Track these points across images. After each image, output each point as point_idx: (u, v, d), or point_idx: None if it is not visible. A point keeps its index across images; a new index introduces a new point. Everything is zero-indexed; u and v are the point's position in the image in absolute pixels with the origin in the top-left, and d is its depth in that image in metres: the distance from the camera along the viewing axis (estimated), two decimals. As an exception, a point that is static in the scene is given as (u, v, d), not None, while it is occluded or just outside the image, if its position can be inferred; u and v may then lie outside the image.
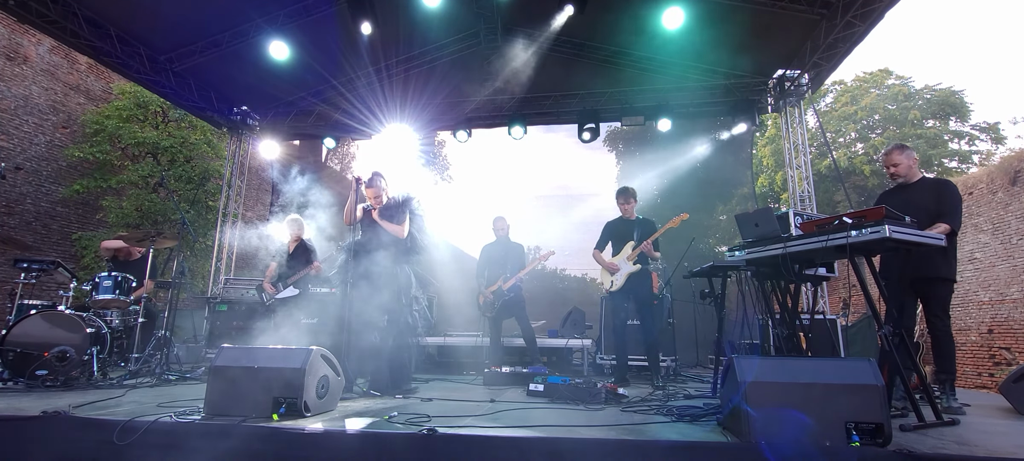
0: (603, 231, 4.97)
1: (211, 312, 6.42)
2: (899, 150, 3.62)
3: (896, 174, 3.62)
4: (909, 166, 3.59)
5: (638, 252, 4.59)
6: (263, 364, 2.67)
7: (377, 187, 4.08)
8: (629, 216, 4.85)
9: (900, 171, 3.60)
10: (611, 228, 4.91)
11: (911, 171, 3.60)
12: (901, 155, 3.59)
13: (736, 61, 6.89)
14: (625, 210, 4.85)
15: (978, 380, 8.54)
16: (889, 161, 3.64)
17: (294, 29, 6.43)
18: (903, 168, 3.59)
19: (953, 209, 3.36)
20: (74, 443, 2.41)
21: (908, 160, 3.59)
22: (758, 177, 13.73)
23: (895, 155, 3.61)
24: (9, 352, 3.78)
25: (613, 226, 4.91)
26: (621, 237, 4.77)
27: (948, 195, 3.42)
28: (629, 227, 4.74)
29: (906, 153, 3.61)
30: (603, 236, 4.94)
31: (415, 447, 2.22)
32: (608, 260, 4.80)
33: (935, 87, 14.01)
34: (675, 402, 3.45)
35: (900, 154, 3.60)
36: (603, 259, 4.84)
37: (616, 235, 4.84)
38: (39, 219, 8.62)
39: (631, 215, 4.85)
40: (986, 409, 3.49)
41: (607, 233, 4.92)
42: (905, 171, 3.59)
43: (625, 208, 4.85)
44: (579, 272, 18.96)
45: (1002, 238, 8.23)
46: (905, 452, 1.98)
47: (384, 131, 7.84)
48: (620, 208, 4.88)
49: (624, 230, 4.77)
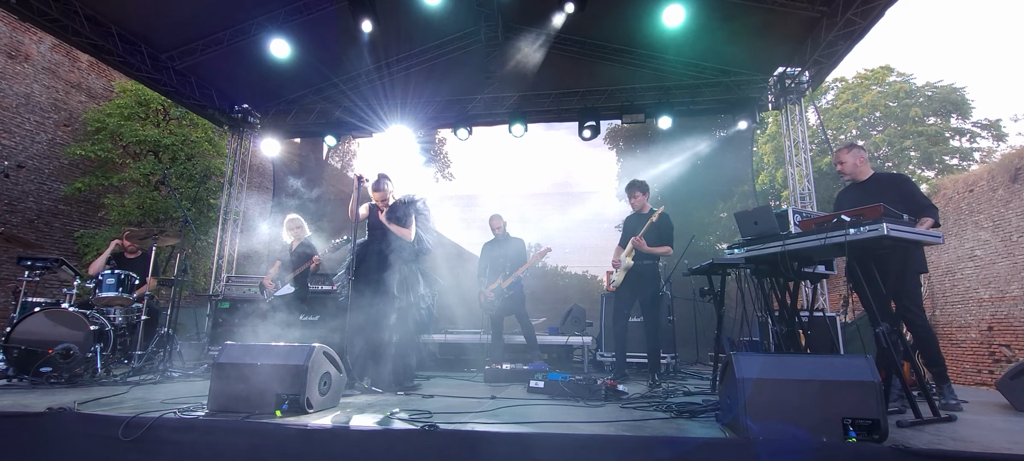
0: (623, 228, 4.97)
1: (213, 309, 6.45)
2: (846, 149, 3.71)
3: (842, 172, 3.71)
4: (855, 164, 3.66)
5: (631, 247, 4.57)
6: (266, 361, 2.70)
7: (383, 190, 4.11)
8: (640, 210, 4.77)
9: (846, 169, 3.68)
10: (626, 224, 4.90)
11: (857, 169, 3.67)
12: (847, 154, 3.68)
13: (737, 58, 6.89)
14: (633, 205, 4.81)
15: (978, 377, 8.56)
16: (837, 159, 3.74)
17: (295, 27, 6.45)
18: (848, 167, 3.67)
19: (927, 202, 3.40)
20: (80, 439, 2.44)
21: (854, 158, 3.66)
22: (759, 175, 13.72)
23: (842, 154, 3.71)
24: (14, 349, 3.81)
25: (627, 222, 4.91)
26: (632, 233, 4.71)
27: (912, 188, 3.48)
28: (640, 221, 4.68)
29: (852, 151, 3.68)
30: (622, 234, 4.92)
31: (416, 442, 2.25)
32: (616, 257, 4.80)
33: (936, 84, 13.99)
34: (674, 399, 3.47)
35: (846, 153, 3.69)
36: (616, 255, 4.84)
37: (628, 231, 4.80)
38: (41, 217, 8.65)
39: (642, 208, 4.76)
40: (984, 406, 3.50)
41: (623, 230, 4.92)
42: (851, 169, 3.67)
43: (632, 203, 4.80)
44: (580, 269, 18.96)
45: (1002, 235, 8.23)
46: (901, 448, 2.00)
47: (385, 129, 7.86)
48: (630, 204, 4.84)
49: (635, 225, 4.71)
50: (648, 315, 4.60)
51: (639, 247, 4.52)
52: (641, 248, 4.52)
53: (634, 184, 4.80)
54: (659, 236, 4.56)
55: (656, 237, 4.56)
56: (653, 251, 4.54)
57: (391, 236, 4.01)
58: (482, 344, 6.09)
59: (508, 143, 8.33)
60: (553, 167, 14.68)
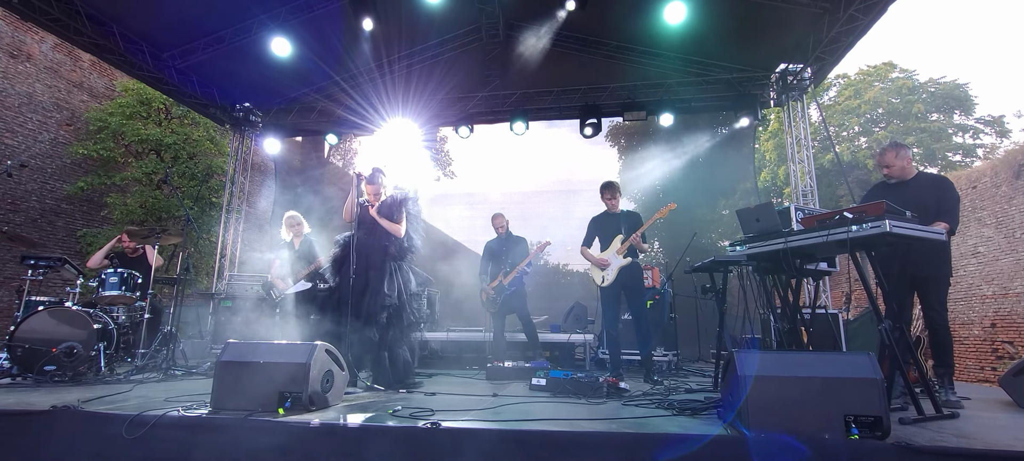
0: (589, 227, 4.95)
1: (216, 308, 6.47)
2: (893, 150, 3.62)
3: (890, 175, 3.62)
4: (903, 167, 3.59)
5: (627, 245, 4.58)
6: (268, 359, 2.70)
7: (377, 184, 4.08)
8: (614, 210, 4.83)
9: (894, 172, 3.60)
10: (597, 223, 4.90)
11: (904, 171, 3.60)
12: (895, 156, 3.59)
13: (738, 55, 6.87)
14: (610, 204, 4.83)
15: (980, 374, 8.54)
16: (883, 161, 3.64)
17: (296, 25, 6.44)
18: (896, 169, 3.59)
19: (952, 209, 3.38)
20: (83, 437, 2.44)
21: (902, 161, 3.59)
22: (760, 172, 13.69)
23: (889, 155, 3.61)
24: (18, 348, 3.83)
25: (598, 221, 4.89)
26: (607, 232, 4.76)
27: (947, 194, 3.44)
28: (615, 221, 4.73)
29: (900, 154, 3.60)
30: (589, 232, 4.93)
31: (419, 440, 2.25)
32: (598, 256, 4.78)
33: (939, 80, 13.94)
34: (676, 396, 3.47)
35: (894, 155, 3.59)
36: (592, 255, 4.82)
37: (602, 230, 4.83)
38: (44, 216, 8.67)
39: (616, 209, 4.83)
40: (986, 403, 3.50)
41: (593, 228, 4.91)
42: (899, 172, 3.60)
43: (611, 203, 4.83)
44: (581, 267, 18.90)
45: (1006, 232, 8.21)
46: (904, 445, 1.99)
47: (386, 127, 7.86)
48: (605, 202, 4.85)
49: (610, 224, 4.76)
50: (638, 314, 4.65)
51: (637, 245, 4.56)
52: (639, 247, 4.58)
53: (614, 185, 4.87)
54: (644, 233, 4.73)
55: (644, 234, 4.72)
56: (644, 247, 4.64)
57: (380, 231, 3.97)
58: (484, 342, 6.09)
59: (509, 141, 8.30)
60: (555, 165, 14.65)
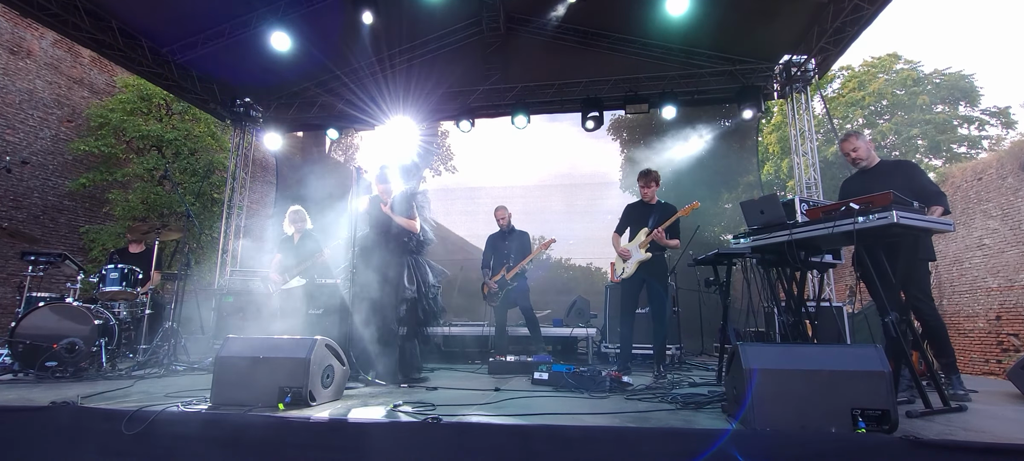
0: (622, 214, 4.80)
1: (218, 303, 6.46)
2: (854, 136, 3.68)
3: (857, 159, 3.65)
4: (867, 149, 3.64)
5: (649, 239, 4.44)
6: (269, 354, 2.69)
7: (387, 181, 4.11)
8: (649, 200, 4.63)
9: (860, 154, 3.63)
10: (630, 212, 4.75)
11: (870, 155, 3.65)
12: (858, 140, 3.65)
13: (741, 47, 6.80)
14: (645, 194, 4.63)
15: (985, 367, 8.49)
16: (848, 147, 3.68)
17: (296, 18, 6.39)
18: (862, 152, 3.63)
19: (935, 191, 3.37)
20: (83, 433, 2.43)
21: (865, 144, 3.65)
22: (764, 165, 13.62)
23: (852, 140, 3.66)
24: (19, 344, 3.82)
25: (632, 210, 4.75)
26: (638, 222, 4.59)
27: (920, 176, 3.46)
28: (647, 211, 4.56)
29: (862, 137, 3.67)
30: (622, 219, 4.77)
31: (419, 435, 2.23)
32: (622, 246, 4.65)
33: (945, 71, 13.83)
34: (680, 390, 3.44)
35: (857, 138, 3.66)
36: (617, 244, 4.70)
37: (634, 219, 4.67)
38: (47, 213, 8.68)
39: (651, 199, 4.63)
40: (994, 395, 3.46)
41: (625, 217, 4.76)
42: (865, 154, 3.63)
43: (645, 191, 4.62)
44: (584, 261, 18.89)
45: (1011, 224, 8.14)
46: (912, 438, 1.96)
47: (387, 122, 7.82)
48: (640, 191, 4.67)
49: (642, 214, 4.59)
50: (657, 307, 4.49)
51: (659, 240, 4.40)
52: (660, 241, 4.40)
53: (651, 173, 4.63)
54: (675, 231, 4.50)
55: (675, 231, 4.50)
56: (669, 244, 4.46)
57: (396, 227, 4.01)
58: (485, 336, 6.08)
59: (511, 135, 8.26)
60: (556, 159, 14.60)
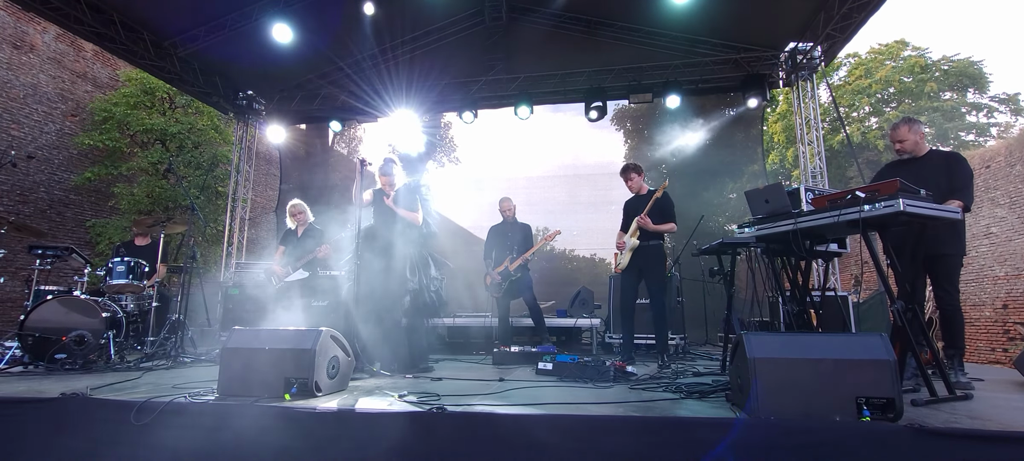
0: (623, 213, 4.95)
1: (224, 296, 6.50)
2: (906, 125, 3.50)
3: (903, 150, 3.50)
4: (916, 141, 3.48)
5: (636, 227, 4.54)
6: (274, 346, 2.70)
7: (390, 173, 4.12)
8: (639, 192, 4.78)
9: (907, 147, 3.48)
10: (627, 208, 4.88)
11: (918, 146, 3.49)
12: (908, 131, 3.48)
13: (746, 35, 6.74)
14: (631, 187, 4.80)
15: (991, 355, 8.47)
16: (896, 136, 3.53)
17: (298, 10, 6.37)
18: (909, 144, 3.48)
19: (965, 185, 3.26)
20: (93, 423, 2.46)
21: (915, 136, 3.48)
22: (769, 154, 13.52)
23: (902, 130, 3.49)
24: (29, 337, 3.87)
25: (628, 205, 4.89)
26: (634, 215, 4.70)
27: (960, 171, 3.32)
28: (641, 203, 4.68)
29: (913, 128, 3.49)
30: (623, 218, 4.92)
31: (423, 425, 2.25)
32: (621, 239, 4.79)
33: (953, 58, 13.65)
34: (684, 379, 3.45)
35: (907, 129, 3.48)
36: (619, 238, 4.83)
37: (629, 214, 4.79)
38: (53, 207, 8.73)
39: (640, 190, 4.78)
40: (999, 384, 3.45)
41: (625, 214, 4.90)
42: (912, 147, 3.48)
43: (630, 185, 4.80)
44: (588, 252, 18.89)
45: (1019, 212, 8.07)
46: (917, 427, 1.96)
47: (390, 114, 7.81)
48: (627, 187, 4.82)
49: (636, 207, 4.71)
50: (656, 296, 4.57)
51: (644, 226, 4.49)
52: (646, 227, 4.50)
53: (628, 167, 4.80)
54: (661, 213, 4.54)
55: (658, 214, 4.53)
56: (658, 229, 4.52)
57: (399, 220, 4.02)
58: (489, 327, 6.09)
59: (514, 126, 8.22)
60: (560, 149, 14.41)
